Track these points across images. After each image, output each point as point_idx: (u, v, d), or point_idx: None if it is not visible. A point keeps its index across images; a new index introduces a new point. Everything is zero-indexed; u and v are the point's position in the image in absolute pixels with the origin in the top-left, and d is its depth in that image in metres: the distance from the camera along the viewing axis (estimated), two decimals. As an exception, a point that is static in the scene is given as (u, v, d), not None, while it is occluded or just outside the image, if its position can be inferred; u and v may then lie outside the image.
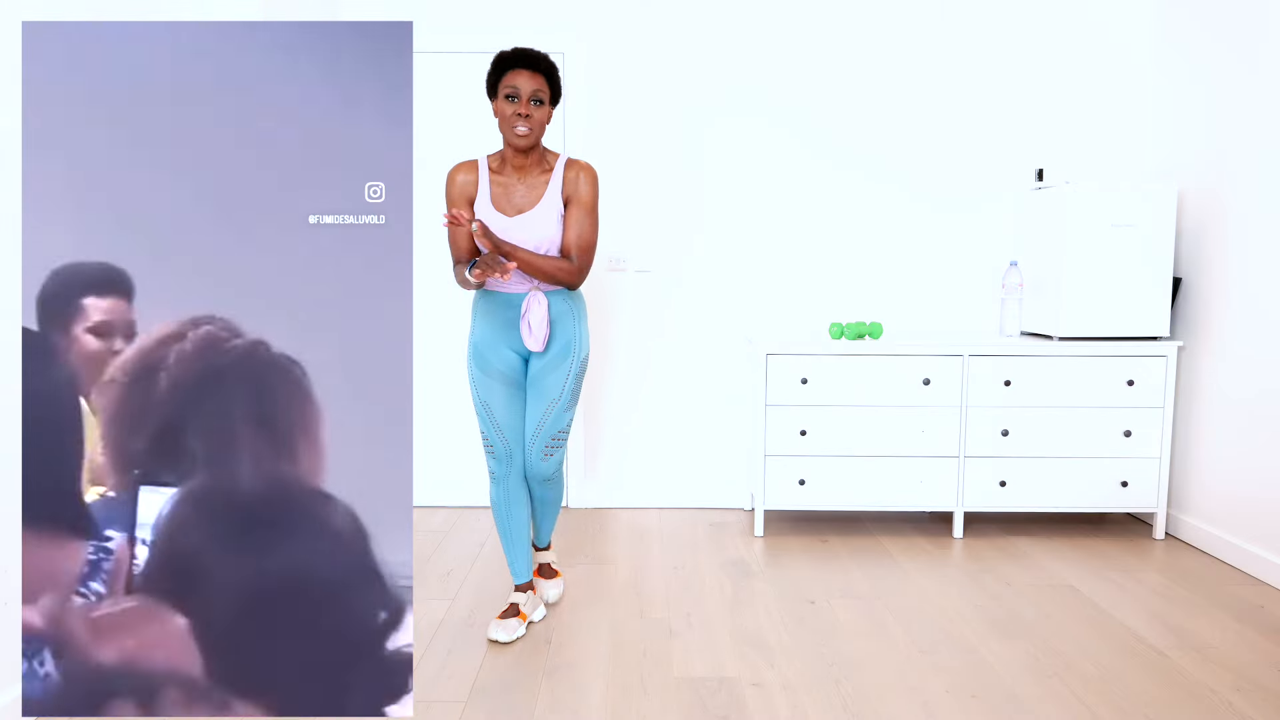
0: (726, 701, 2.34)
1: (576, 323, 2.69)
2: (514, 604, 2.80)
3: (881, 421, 3.69)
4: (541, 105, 2.52)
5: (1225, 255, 3.49)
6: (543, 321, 2.59)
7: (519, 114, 2.49)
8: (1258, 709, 2.30)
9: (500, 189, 2.60)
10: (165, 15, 2.83)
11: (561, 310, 2.66)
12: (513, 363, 2.70)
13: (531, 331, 2.59)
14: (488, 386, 2.69)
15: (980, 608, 2.98)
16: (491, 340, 2.68)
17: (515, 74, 2.50)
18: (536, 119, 2.51)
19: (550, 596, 2.96)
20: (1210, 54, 3.58)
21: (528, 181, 2.60)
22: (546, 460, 2.71)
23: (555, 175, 2.60)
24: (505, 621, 2.73)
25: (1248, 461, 3.36)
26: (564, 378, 2.67)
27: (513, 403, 2.71)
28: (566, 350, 2.67)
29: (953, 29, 4.02)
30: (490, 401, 2.69)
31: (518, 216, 2.58)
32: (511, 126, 2.50)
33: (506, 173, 2.61)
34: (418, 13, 3.97)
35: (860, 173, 4.07)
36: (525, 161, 2.60)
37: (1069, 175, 4.03)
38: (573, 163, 2.62)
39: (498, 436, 2.70)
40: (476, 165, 2.62)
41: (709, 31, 3.99)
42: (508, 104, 2.51)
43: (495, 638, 2.69)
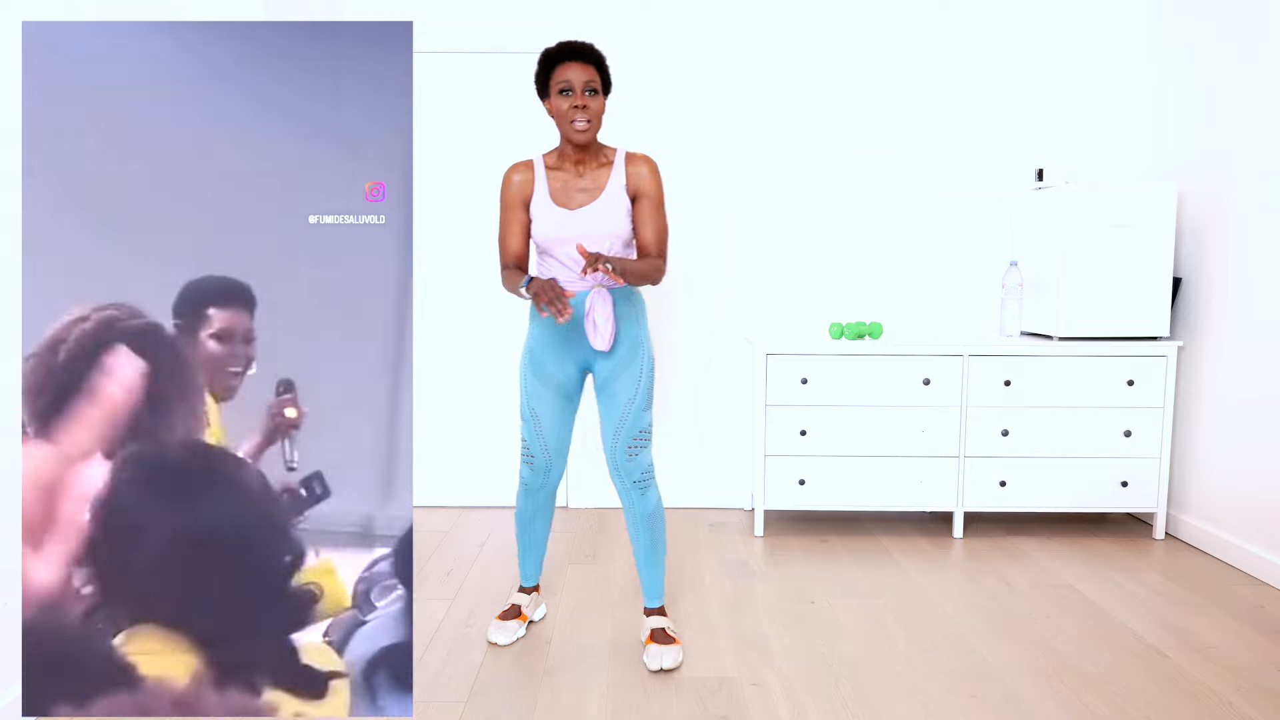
0: (726, 701, 2.34)
1: (639, 322, 2.58)
2: (515, 605, 2.79)
3: (881, 421, 3.69)
4: (596, 95, 2.44)
5: (1225, 255, 3.49)
6: (608, 319, 2.45)
7: (575, 107, 2.40)
8: (1258, 709, 2.30)
9: (559, 184, 2.51)
10: (165, 15, 2.82)
11: (624, 310, 2.55)
12: (570, 374, 2.59)
13: (597, 329, 2.45)
14: (539, 395, 2.58)
15: (980, 608, 2.98)
16: (550, 346, 2.56)
17: (565, 68, 2.42)
18: (593, 109, 2.42)
19: (666, 663, 2.52)
20: (1210, 54, 3.58)
21: (588, 175, 2.52)
22: (633, 459, 2.55)
23: (616, 168, 2.52)
24: (505, 623, 2.71)
25: (1248, 461, 3.36)
26: (637, 376, 2.54)
27: (563, 415, 2.61)
28: (635, 350, 2.55)
29: (952, 30, 4.02)
30: (539, 410, 2.58)
31: (580, 210, 2.49)
32: (570, 121, 2.42)
33: (565, 168, 2.52)
34: (418, 13, 3.97)
35: (860, 172, 4.07)
36: (583, 155, 2.51)
37: (1069, 175, 4.03)
38: (633, 156, 2.53)
39: (540, 447, 2.61)
40: (532, 164, 2.54)
41: (707, 31, 3.99)
42: (562, 99, 2.42)
43: (494, 640, 2.68)
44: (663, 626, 2.63)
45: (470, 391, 4.14)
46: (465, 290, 4.10)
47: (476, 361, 4.13)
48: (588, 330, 2.47)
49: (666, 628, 2.63)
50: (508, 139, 4.03)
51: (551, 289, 2.28)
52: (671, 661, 2.52)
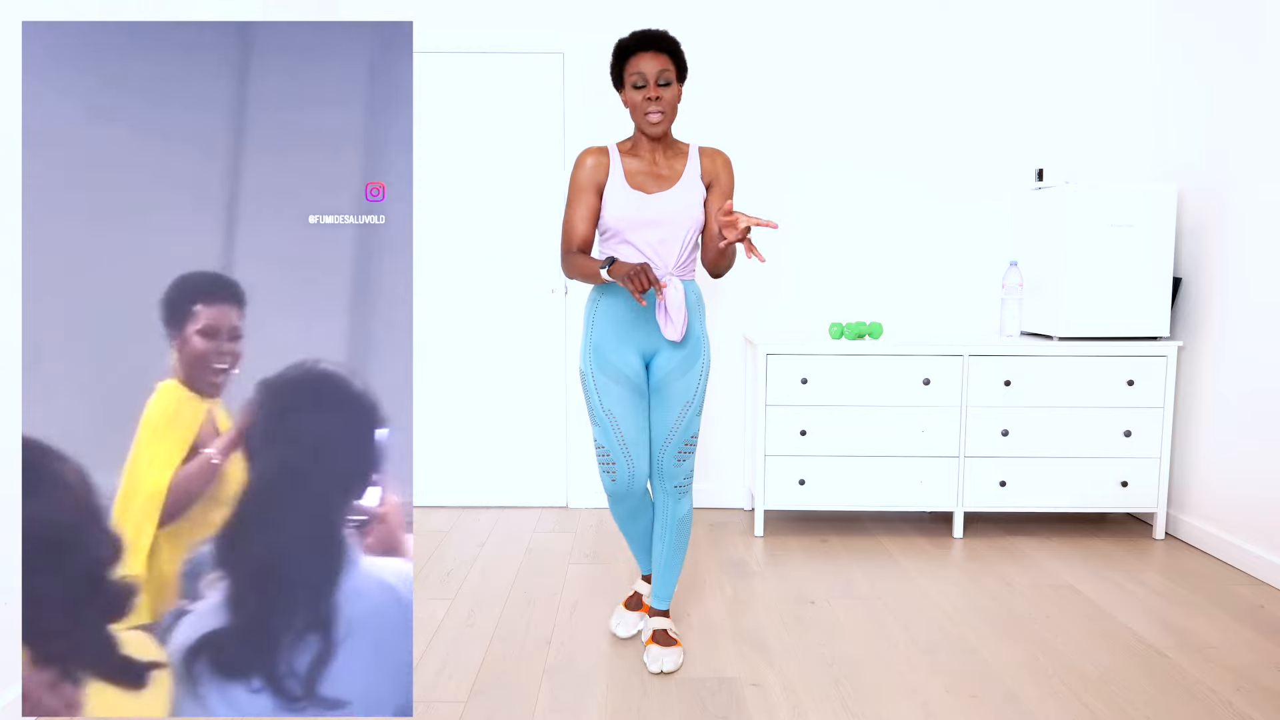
0: (726, 701, 2.34)
1: (701, 319, 2.55)
2: (638, 593, 2.79)
3: (881, 421, 3.69)
4: (670, 85, 2.41)
5: (1225, 255, 3.49)
6: (680, 307, 2.40)
7: (649, 98, 2.38)
8: (1258, 709, 2.30)
9: (635, 168, 2.48)
10: (165, 15, 2.82)
11: (693, 302, 2.51)
12: (636, 366, 2.50)
13: (670, 319, 2.39)
14: (612, 392, 2.47)
15: (980, 608, 2.98)
16: (615, 339, 2.49)
17: (638, 58, 2.39)
18: (667, 100, 2.40)
19: (667, 666, 2.51)
20: (1211, 54, 3.57)
21: (663, 162, 2.50)
22: (680, 464, 2.53)
23: (692, 158, 2.52)
24: (628, 614, 2.74)
25: (1248, 461, 3.36)
26: (696, 379, 2.51)
27: (638, 411, 2.50)
28: (696, 351, 2.51)
29: (952, 30, 4.01)
30: (616, 410, 2.47)
31: (658, 194, 2.46)
32: (644, 114, 2.40)
33: (641, 155, 2.50)
34: (418, 13, 3.97)
35: (860, 172, 4.06)
36: (658, 145, 2.51)
37: (1069, 175, 4.03)
38: (708, 150, 2.54)
39: (622, 453, 2.47)
40: (607, 149, 2.50)
41: (706, 31, 3.99)
42: (636, 92, 2.40)
43: (617, 632, 2.71)
44: (665, 628, 2.61)
45: (471, 391, 4.14)
46: (465, 290, 4.10)
47: (477, 361, 4.13)
48: (659, 319, 2.42)
49: (669, 629, 2.61)
50: (508, 139, 4.03)
51: (645, 271, 2.20)
52: (672, 664, 2.51)
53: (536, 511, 4.12)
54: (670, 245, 2.45)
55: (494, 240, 4.08)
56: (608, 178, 2.47)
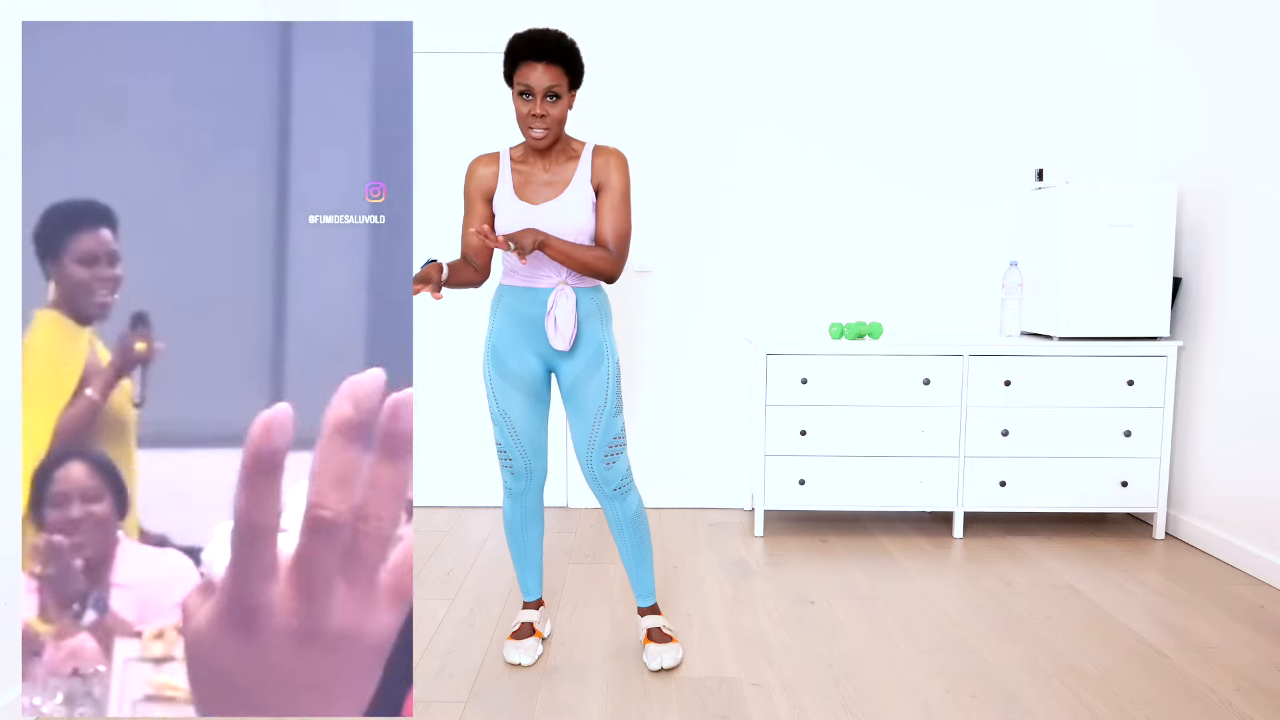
0: (726, 701, 2.34)
1: (604, 325, 2.50)
2: (526, 623, 2.67)
3: (881, 421, 3.69)
4: (558, 100, 2.32)
5: (1225, 255, 3.49)
6: (570, 317, 2.39)
7: (534, 114, 2.31)
8: (1258, 709, 2.30)
9: (523, 178, 2.44)
10: (165, 15, 2.83)
11: (589, 310, 2.47)
12: (534, 369, 2.49)
13: (558, 328, 2.39)
14: (506, 394, 2.49)
15: (980, 608, 2.98)
16: (511, 341, 2.47)
17: (528, 68, 2.29)
18: (553, 117, 2.32)
19: (667, 663, 2.52)
20: (1210, 54, 3.58)
21: (553, 169, 2.44)
22: (610, 466, 2.49)
23: (583, 162, 2.44)
24: (522, 643, 2.60)
25: (1248, 461, 3.36)
26: (604, 382, 2.47)
27: (534, 413, 2.52)
28: (599, 355, 2.47)
29: (952, 29, 4.02)
30: (509, 410, 2.49)
31: (544, 204, 2.41)
32: (528, 128, 2.34)
33: (530, 161, 2.44)
34: (418, 13, 3.97)
35: (860, 173, 4.07)
36: (549, 150, 2.44)
37: (1069, 175, 4.03)
38: (600, 149, 2.45)
39: (517, 450, 2.52)
40: (498, 157, 2.46)
41: (706, 31, 3.99)
42: (522, 102, 2.32)
43: (516, 661, 2.57)
44: (659, 625, 2.61)
45: (470, 392, 4.14)
46: (465, 290, 4.10)
47: (477, 362, 4.13)
48: (548, 328, 2.40)
49: (663, 626, 2.61)
50: (507, 139, 4.03)
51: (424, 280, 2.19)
52: (672, 660, 2.51)
53: (536, 511, 4.12)
54: None
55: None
56: (496, 186, 2.44)
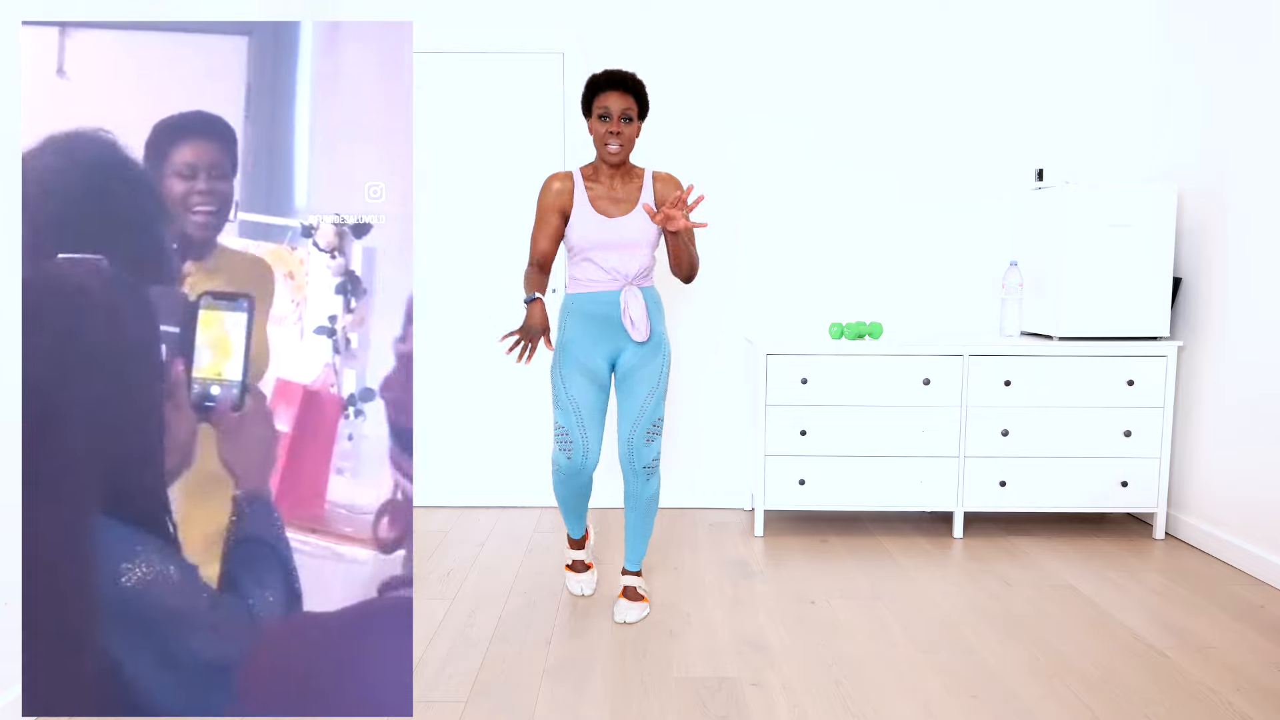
0: (726, 701, 2.34)
1: (660, 319, 2.88)
2: (579, 560, 3.10)
3: (881, 421, 3.69)
4: (631, 122, 2.73)
5: (1225, 255, 3.49)
6: (642, 312, 2.77)
7: (611, 132, 2.71)
8: (1258, 709, 2.30)
9: (595, 194, 2.80)
10: (165, 15, 2.83)
11: (652, 306, 2.84)
12: (601, 367, 2.83)
13: (634, 324, 2.76)
14: (575, 381, 2.80)
15: (980, 608, 2.98)
16: (585, 340, 2.82)
17: (606, 95, 2.71)
18: (627, 135, 2.73)
19: (630, 618, 2.85)
20: (1210, 54, 3.58)
21: (621, 189, 2.81)
22: (649, 444, 2.82)
23: (646, 184, 2.82)
24: (580, 576, 3.08)
25: (1248, 461, 3.36)
26: (658, 370, 2.83)
27: (598, 402, 2.83)
28: (658, 344, 2.84)
29: (952, 29, 4.02)
30: (577, 396, 2.79)
31: (619, 219, 2.78)
32: (604, 144, 2.73)
33: (601, 181, 2.81)
34: (418, 13, 3.97)
35: (860, 172, 4.07)
36: (617, 172, 2.81)
37: (1069, 175, 4.03)
38: (659, 175, 2.84)
39: (580, 434, 2.79)
40: (571, 175, 2.82)
41: (706, 32, 3.99)
42: (600, 123, 2.72)
43: (579, 592, 3.05)
44: (634, 585, 2.94)
45: (471, 392, 4.14)
46: (465, 290, 4.10)
47: (477, 362, 4.13)
48: (626, 325, 2.78)
49: (638, 587, 2.94)
50: (507, 139, 4.03)
51: (530, 338, 2.58)
52: (635, 616, 2.85)
53: (536, 511, 4.13)
54: (629, 261, 2.78)
55: (494, 240, 4.08)
56: (573, 202, 2.79)
